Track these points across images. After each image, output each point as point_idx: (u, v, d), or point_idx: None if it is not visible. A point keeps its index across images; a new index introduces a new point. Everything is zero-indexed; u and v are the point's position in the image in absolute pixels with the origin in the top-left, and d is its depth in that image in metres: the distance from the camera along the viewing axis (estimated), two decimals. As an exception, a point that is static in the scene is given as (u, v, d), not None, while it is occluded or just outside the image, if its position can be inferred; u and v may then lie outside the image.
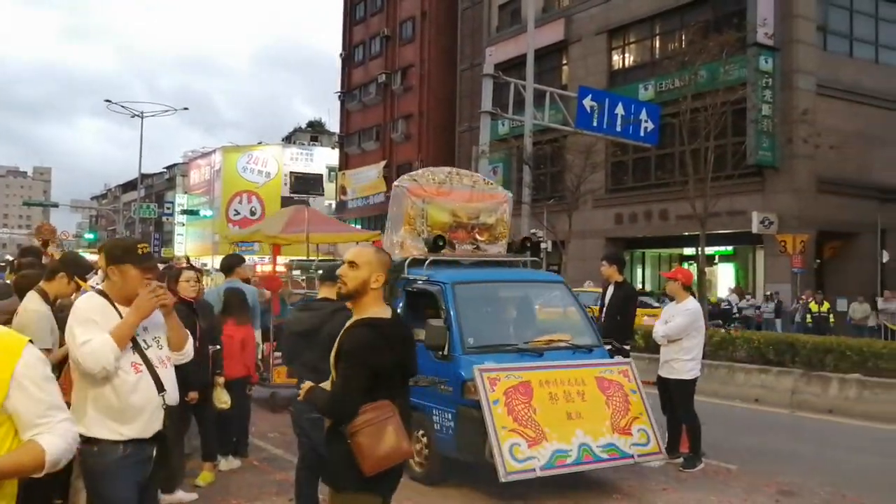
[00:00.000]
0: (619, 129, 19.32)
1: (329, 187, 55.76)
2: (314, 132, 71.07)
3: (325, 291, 5.16)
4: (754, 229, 23.33)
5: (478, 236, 7.95)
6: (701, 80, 21.80)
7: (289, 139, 69.57)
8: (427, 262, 7.09)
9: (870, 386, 10.32)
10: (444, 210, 7.76)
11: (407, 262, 7.14)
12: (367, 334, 3.15)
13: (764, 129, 23.41)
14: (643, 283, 29.35)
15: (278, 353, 9.12)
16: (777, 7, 23.93)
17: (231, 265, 8.27)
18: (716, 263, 27.28)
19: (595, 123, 18.86)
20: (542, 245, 22.53)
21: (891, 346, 12.16)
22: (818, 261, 25.02)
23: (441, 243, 7.29)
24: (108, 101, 43.14)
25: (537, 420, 5.90)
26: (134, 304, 3.21)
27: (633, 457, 6.23)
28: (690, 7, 26.54)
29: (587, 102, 18.79)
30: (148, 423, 3.18)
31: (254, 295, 8.44)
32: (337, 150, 52.63)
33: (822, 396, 10.62)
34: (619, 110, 19.33)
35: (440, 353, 6.26)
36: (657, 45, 28.74)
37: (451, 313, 6.46)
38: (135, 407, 3.14)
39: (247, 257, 13.10)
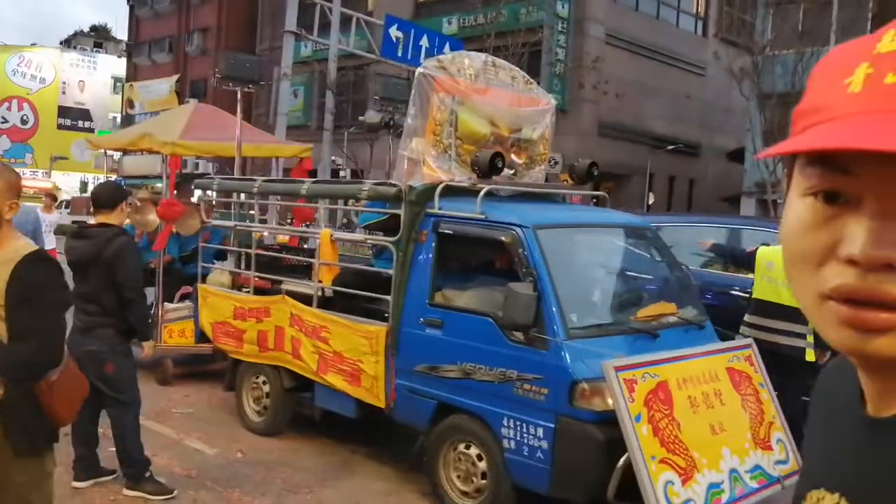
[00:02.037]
0: (422, 61, 19.57)
1: (115, 99, 51.74)
2: (98, 38, 65.08)
3: (102, 217, 4.73)
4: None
5: (515, 157, 5.87)
6: (502, 20, 22.59)
7: (68, 43, 63.21)
8: (482, 192, 4.82)
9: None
10: (481, 116, 5.58)
11: (438, 190, 4.96)
12: (53, 268, 2.79)
13: (557, 72, 24.76)
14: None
15: (175, 305, 7.77)
16: (575, -45, 25.12)
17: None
18: (506, 198, 28.85)
19: (400, 54, 19.00)
20: (342, 173, 22.63)
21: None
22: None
23: (500, 165, 5.15)
24: None
25: (683, 440, 4.05)
26: None
27: (779, 480, 4.43)
28: (496, -55, 27.14)
29: (393, 32, 18.86)
30: None
31: (33, 215, 7.93)
32: (124, 60, 48.76)
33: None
34: (424, 42, 19.57)
35: (524, 334, 4.30)
36: (462, -20, 29.18)
37: (544, 276, 4.36)
38: None
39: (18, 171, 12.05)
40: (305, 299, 5.66)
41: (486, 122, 5.58)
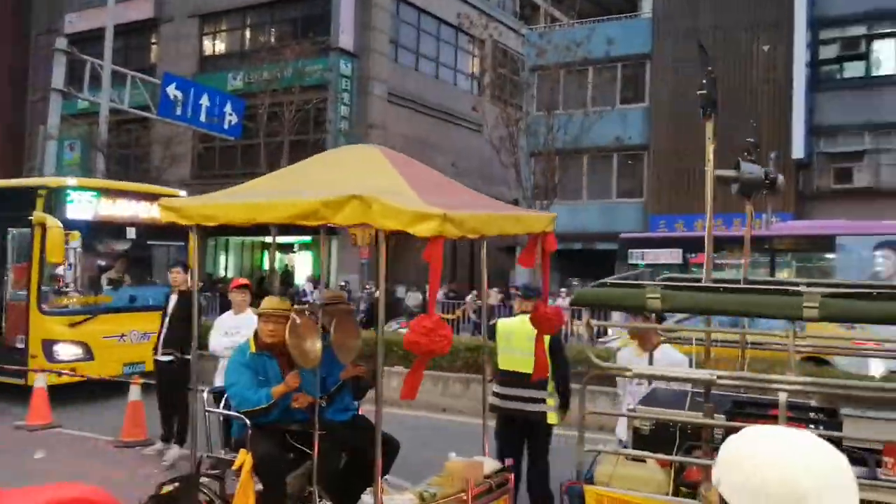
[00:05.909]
0: (203, 119, 19.55)
1: None
2: None
3: None
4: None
5: None
6: (287, 77, 23.10)
7: None
8: None
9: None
10: None
11: None
12: None
13: (342, 129, 25.57)
14: (226, 269, 30.04)
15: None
16: (357, 17, 26.24)
17: None
18: (295, 252, 29.05)
19: (179, 112, 18.84)
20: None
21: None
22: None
23: None
24: None
25: None
26: None
27: None
28: (280, 4, 27.70)
29: (171, 90, 18.68)
30: None
31: None
32: None
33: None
34: (205, 101, 19.55)
35: None
36: (248, 36, 29.41)
37: None
38: None
39: None
40: None
41: None
